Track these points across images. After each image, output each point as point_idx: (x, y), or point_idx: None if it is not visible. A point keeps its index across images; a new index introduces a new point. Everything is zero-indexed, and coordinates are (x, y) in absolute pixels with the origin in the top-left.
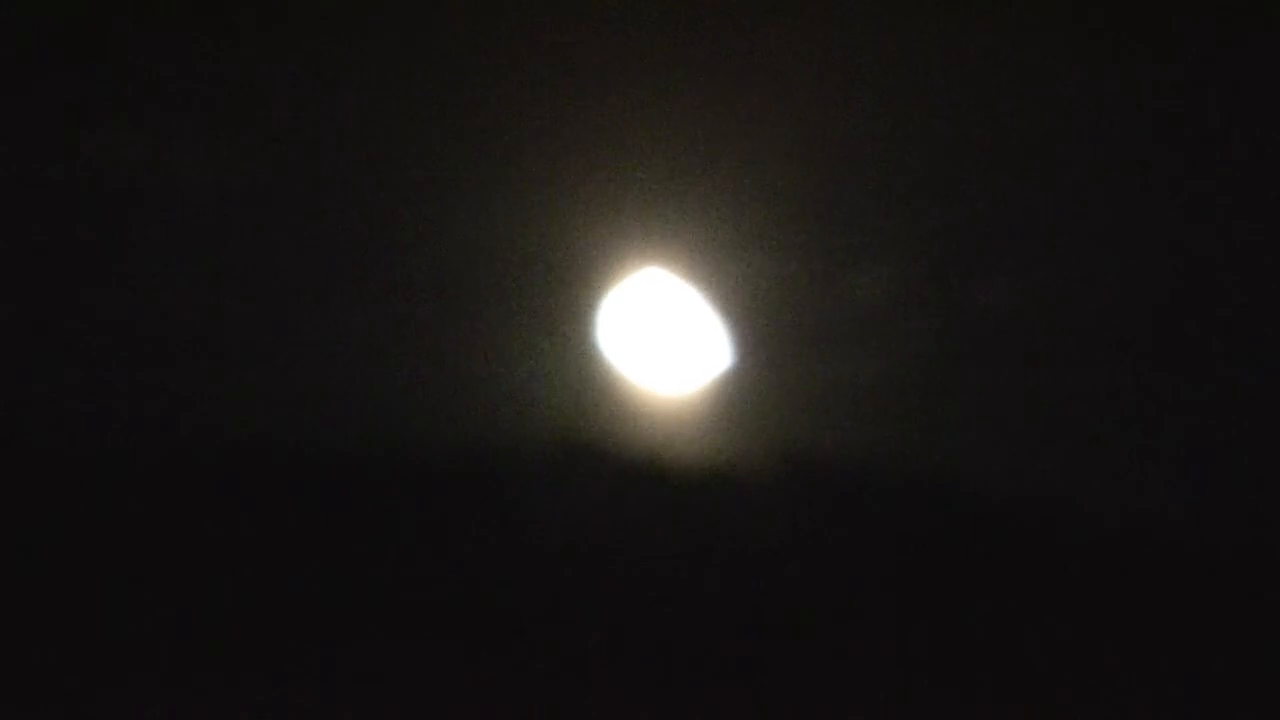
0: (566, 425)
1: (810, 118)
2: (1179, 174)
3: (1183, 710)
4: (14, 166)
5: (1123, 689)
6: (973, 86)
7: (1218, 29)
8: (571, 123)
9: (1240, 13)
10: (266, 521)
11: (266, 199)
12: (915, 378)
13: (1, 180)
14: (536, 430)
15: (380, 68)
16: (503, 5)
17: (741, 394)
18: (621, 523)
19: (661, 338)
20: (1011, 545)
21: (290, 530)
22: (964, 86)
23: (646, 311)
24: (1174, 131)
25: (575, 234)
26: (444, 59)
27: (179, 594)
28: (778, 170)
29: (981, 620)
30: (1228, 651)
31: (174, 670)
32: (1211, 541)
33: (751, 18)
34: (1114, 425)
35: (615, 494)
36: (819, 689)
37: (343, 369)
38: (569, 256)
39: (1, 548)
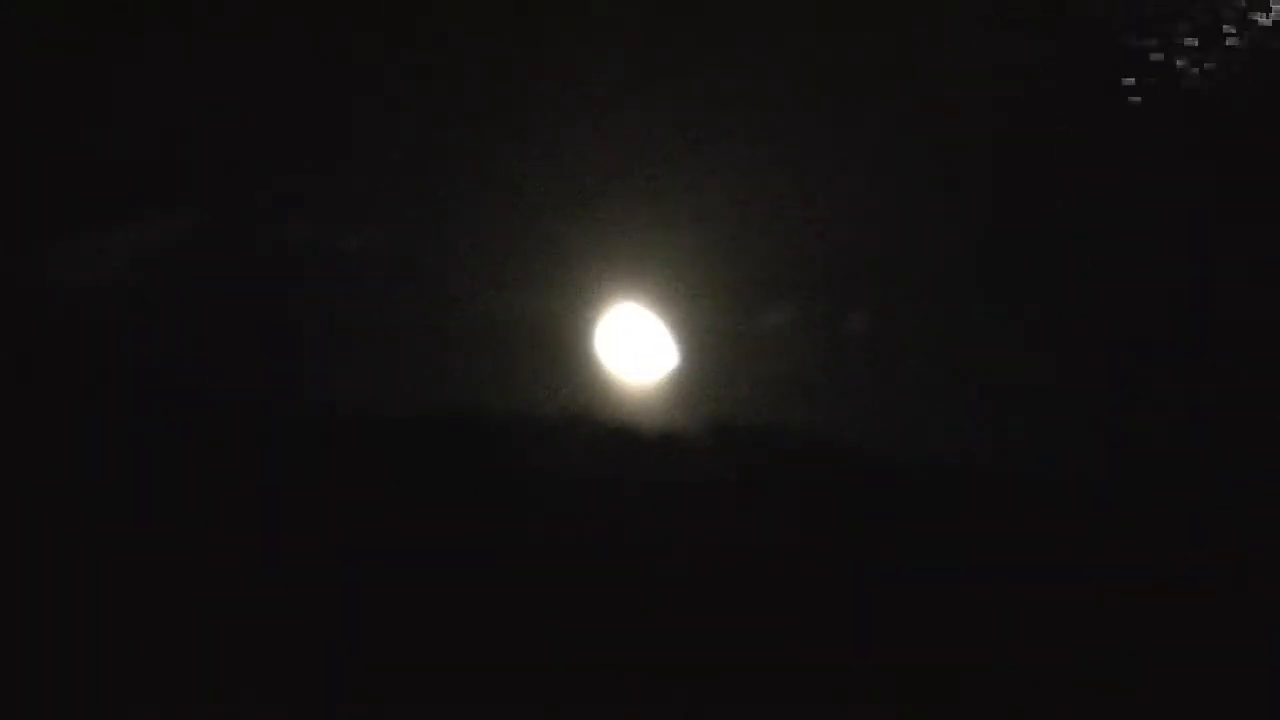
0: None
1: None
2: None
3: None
4: None
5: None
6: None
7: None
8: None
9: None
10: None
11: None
12: (811, 375)
13: None
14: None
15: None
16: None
17: (685, 384)
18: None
19: (627, 345)
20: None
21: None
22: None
23: (618, 321)
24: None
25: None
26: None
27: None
28: (717, 225)
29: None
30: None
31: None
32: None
33: None
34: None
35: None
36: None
37: (410, 365)
38: (566, 284)
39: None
